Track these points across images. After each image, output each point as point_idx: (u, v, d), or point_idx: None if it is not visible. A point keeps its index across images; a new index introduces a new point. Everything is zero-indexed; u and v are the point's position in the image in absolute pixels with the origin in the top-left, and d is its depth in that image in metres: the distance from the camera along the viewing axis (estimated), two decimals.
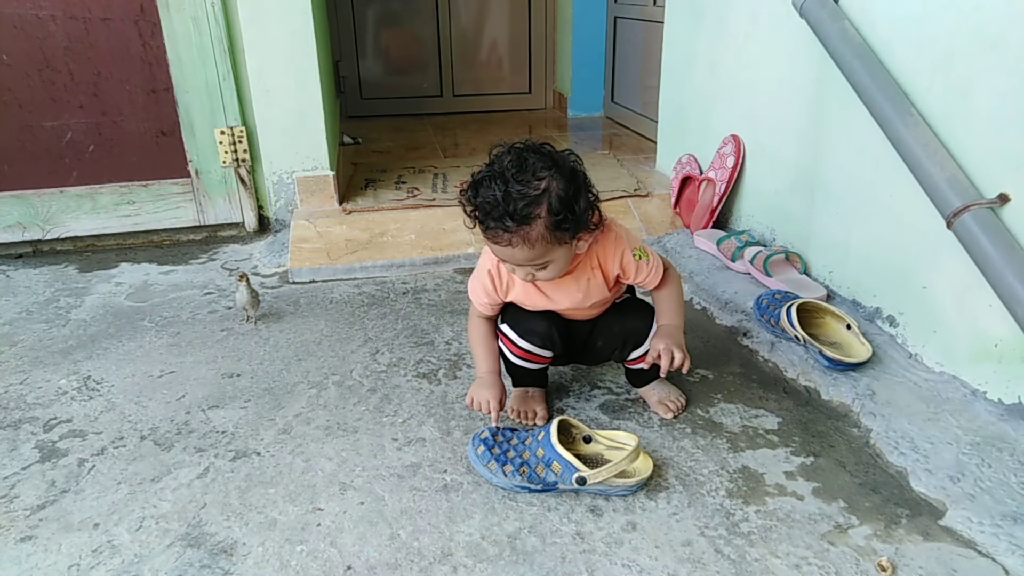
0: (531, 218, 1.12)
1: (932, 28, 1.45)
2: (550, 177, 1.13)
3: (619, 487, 1.18)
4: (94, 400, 1.51)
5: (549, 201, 1.12)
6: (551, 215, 1.13)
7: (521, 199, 1.11)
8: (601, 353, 1.45)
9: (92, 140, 2.32)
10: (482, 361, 1.38)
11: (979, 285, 1.32)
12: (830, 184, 1.81)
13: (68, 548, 1.11)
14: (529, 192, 1.12)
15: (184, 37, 2.26)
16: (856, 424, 1.38)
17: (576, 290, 1.31)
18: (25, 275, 2.20)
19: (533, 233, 1.13)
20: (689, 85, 2.49)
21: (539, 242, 1.14)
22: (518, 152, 1.15)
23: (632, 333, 1.39)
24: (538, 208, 1.12)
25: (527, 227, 1.13)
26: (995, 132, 1.32)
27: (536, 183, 1.12)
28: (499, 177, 1.13)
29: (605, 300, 1.38)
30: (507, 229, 1.13)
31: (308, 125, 2.36)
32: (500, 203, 1.11)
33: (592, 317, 1.41)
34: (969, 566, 1.05)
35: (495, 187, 1.12)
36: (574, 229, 1.16)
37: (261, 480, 1.26)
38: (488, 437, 1.26)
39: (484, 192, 1.14)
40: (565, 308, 1.36)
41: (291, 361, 1.66)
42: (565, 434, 1.25)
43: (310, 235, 2.24)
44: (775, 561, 1.06)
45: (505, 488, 1.21)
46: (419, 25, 3.97)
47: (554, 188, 1.13)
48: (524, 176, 1.12)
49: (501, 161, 1.15)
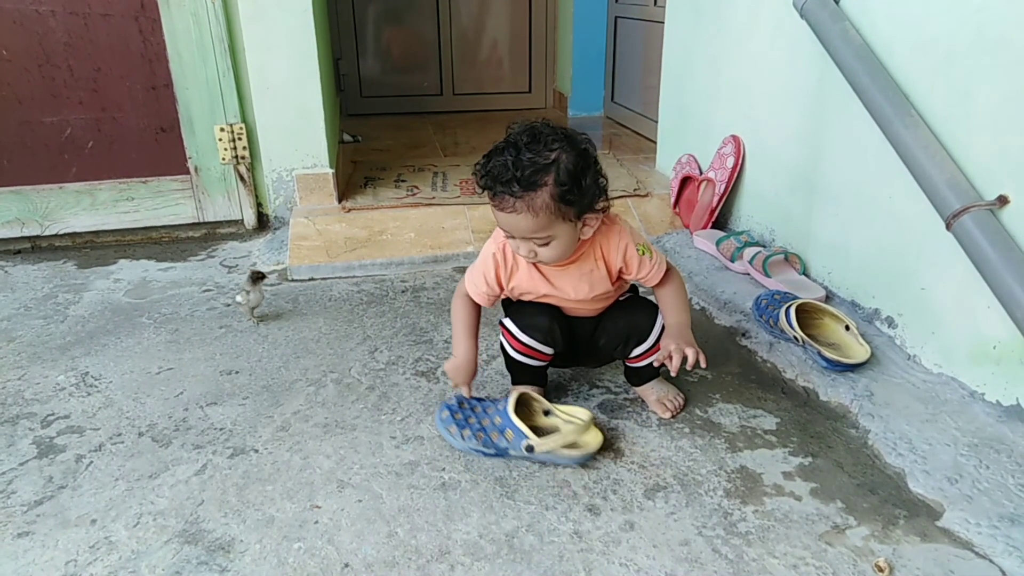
0: (537, 185, 1.15)
1: (933, 30, 1.45)
2: (561, 149, 1.17)
3: (566, 457, 1.26)
4: (92, 396, 1.51)
5: (557, 171, 1.16)
6: (557, 185, 1.15)
7: (530, 166, 1.15)
8: (604, 351, 1.45)
9: (91, 136, 2.31)
10: (460, 341, 1.37)
11: (978, 287, 1.32)
12: (830, 185, 1.81)
13: (65, 544, 1.11)
14: (538, 160, 1.15)
15: (184, 34, 2.26)
16: (854, 425, 1.38)
17: (579, 279, 1.32)
18: (23, 271, 2.20)
19: (538, 200, 1.16)
20: (689, 85, 2.49)
21: (543, 211, 1.16)
22: (532, 126, 1.20)
23: (635, 330, 1.39)
24: (546, 176, 1.15)
25: (533, 193, 1.15)
26: (995, 134, 1.32)
27: (547, 152, 1.16)
28: (512, 146, 1.18)
29: (608, 295, 1.38)
30: (513, 194, 1.16)
31: (308, 123, 2.36)
32: (509, 168, 1.15)
33: (595, 314, 1.41)
34: (966, 567, 1.05)
35: (507, 154, 1.17)
36: (579, 204, 1.19)
37: (259, 477, 1.25)
38: (454, 403, 1.36)
39: (495, 159, 1.18)
40: (569, 300, 1.36)
41: (290, 359, 1.66)
42: (527, 407, 1.34)
43: (309, 233, 2.24)
44: (772, 561, 1.06)
45: (461, 450, 1.31)
46: (419, 23, 3.96)
47: (563, 160, 1.16)
48: (536, 146, 1.17)
49: (516, 134, 1.19)
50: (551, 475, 1.25)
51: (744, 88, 2.16)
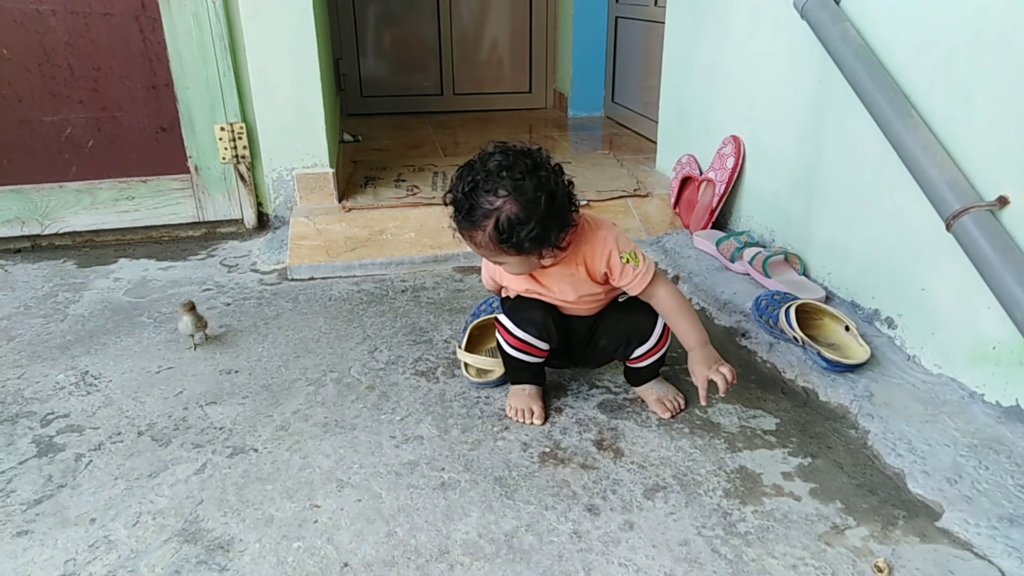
0: (476, 225, 1.21)
1: (933, 30, 1.45)
2: (508, 199, 1.19)
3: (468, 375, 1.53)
4: (92, 395, 1.51)
5: (497, 218, 1.19)
6: (496, 231, 1.20)
7: (475, 208, 1.20)
8: (604, 352, 1.45)
9: (91, 135, 2.31)
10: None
11: (978, 287, 1.32)
12: (830, 185, 1.81)
13: (64, 543, 1.11)
14: (483, 204, 1.20)
15: (185, 33, 2.26)
16: (854, 425, 1.38)
17: (561, 280, 1.35)
18: (23, 270, 2.20)
19: (478, 237, 1.23)
20: (690, 85, 2.49)
21: (485, 245, 1.24)
22: (500, 160, 1.21)
23: (636, 331, 1.39)
24: (486, 220, 1.20)
25: (474, 231, 1.22)
26: (995, 135, 1.32)
27: (492, 199, 1.19)
28: (470, 176, 1.22)
29: (596, 295, 1.38)
30: (459, 222, 1.24)
31: (308, 122, 2.36)
32: (460, 201, 1.22)
33: (590, 314, 1.41)
34: (965, 568, 1.05)
35: (464, 184, 1.22)
36: (517, 251, 1.22)
37: (258, 476, 1.25)
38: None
39: (456, 183, 1.24)
40: (556, 298, 1.38)
41: (289, 358, 1.66)
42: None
43: (309, 232, 2.24)
44: (772, 561, 1.06)
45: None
46: (420, 23, 3.96)
47: (506, 210, 1.19)
48: (488, 186, 1.20)
49: (485, 161, 1.22)
50: (551, 475, 1.25)
51: (744, 89, 2.16)
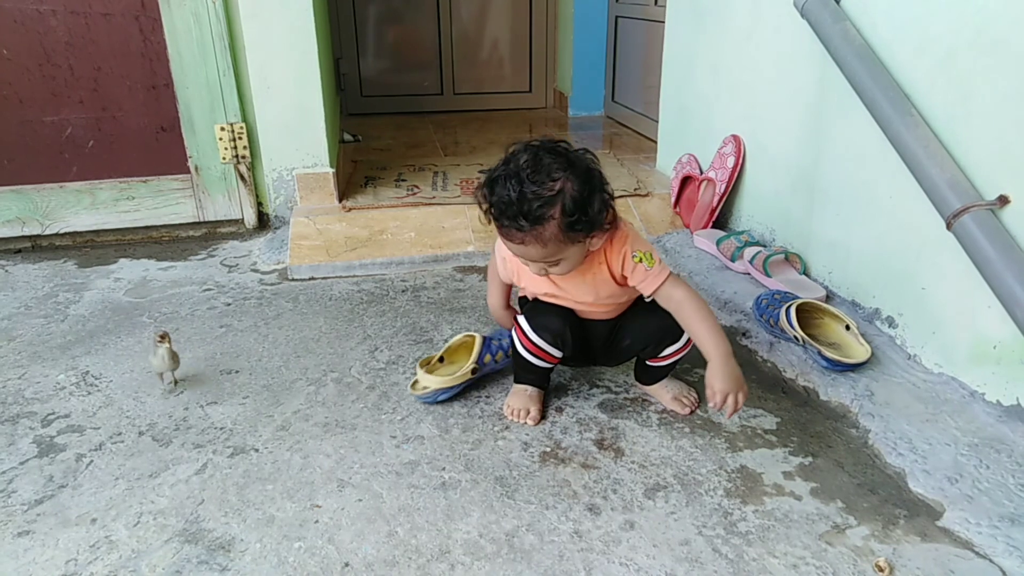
0: (544, 219, 1.13)
1: (933, 29, 1.45)
2: (565, 178, 1.14)
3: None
4: (92, 395, 1.51)
5: (563, 203, 1.13)
6: (565, 216, 1.14)
7: (536, 199, 1.12)
8: (627, 352, 1.43)
9: (92, 135, 2.31)
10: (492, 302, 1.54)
11: (978, 287, 1.32)
12: (830, 185, 1.81)
13: (66, 543, 1.11)
14: (543, 193, 1.13)
15: (185, 33, 2.26)
16: (855, 425, 1.38)
17: (582, 282, 1.32)
18: (24, 270, 2.20)
19: (546, 233, 1.15)
20: (690, 85, 2.49)
21: (552, 242, 1.16)
22: (534, 151, 1.16)
23: (669, 330, 1.35)
24: (552, 209, 1.13)
25: (540, 227, 1.14)
26: (995, 134, 1.32)
27: (551, 183, 1.13)
28: (514, 176, 1.14)
29: (615, 296, 1.36)
30: (521, 228, 1.14)
31: (308, 122, 2.36)
32: (514, 203, 1.13)
33: (609, 316, 1.40)
34: (966, 567, 1.05)
35: (510, 187, 1.13)
36: (588, 229, 1.17)
37: (259, 476, 1.25)
38: None
39: (499, 191, 1.15)
40: (577, 301, 1.36)
41: (290, 358, 1.66)
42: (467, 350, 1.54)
43: (310, 232, 2.24)
44: (772, 561, 1.06)
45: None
46: (420, 23, 3.96)
47: (568, 189, 1.13)
48: (539, 176, 1.13)
49: (517, 159, 1.16)
50: (551, 475, 1.25)
51: (745, 88, 2.16)
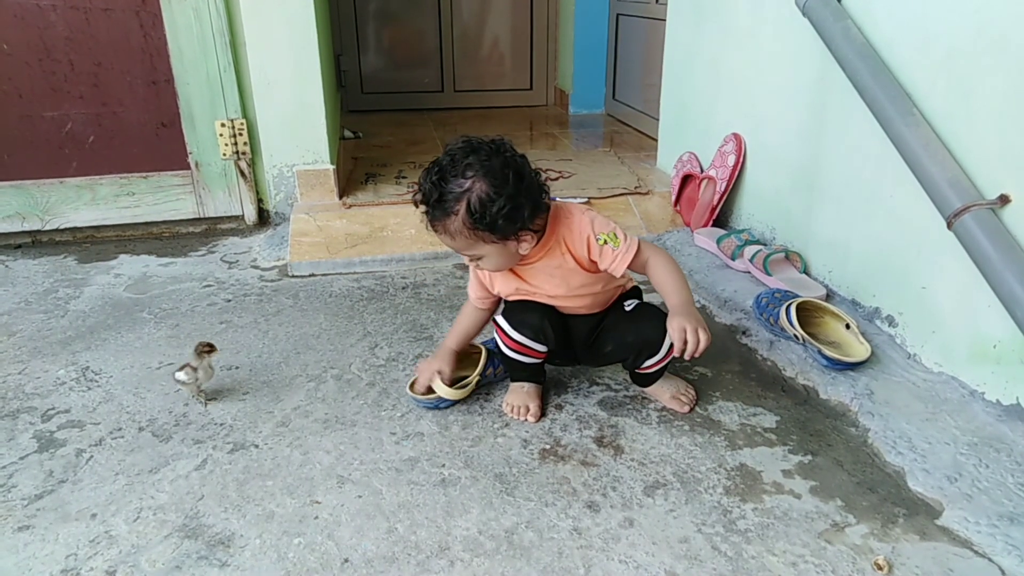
0: (449, 212, 1.20)
1: (935, 28, 1.45)
2: (477, 178, 1.19)
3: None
4: (92, 391, 1.51)
5: (468, 200, 1.19)
6: (468, 214, 1.19)
7: (447, 193, 1.20)
8: (609, 357, 1.45)
9: (92, 131, 2.31)
10: (449, 336, 1.50)
11: (978, 286, 1.32)
12: (831, 183, 1.81)
13: (65, 538, 1.11)
14: (453, 188, 1.20)
15: (185, 28, 2.25)
16: (854, 423, 1.39)
17: (550, 274, 1.34)
18: (24, 265, 2.20)
19: (452, 226, 1.22)
20: (691, 83, 2.49)
21: (459, 235, 1.22)
22: (463, 149, 1.22)
23: (646, 344, 1.37)
24: (457, 205, 1.19)
25: (447, 220, 1.21)
26: (996, 133, 1.32)
27: (462, 181, 1.19)
28: (436, 169, 1.22)
29: (588, 285, 1.35)
30: (433, 218, 1.23)
31: (309, 118, 2.36)
32: (427, 193, 1.22)
33: (591, 311, 1.41)
34: (965, 566, 1.05)
35: (430, 179, 1.21)
36: (494, 231, 1.21)
37: (259, 472, 1.26)
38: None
39: (423, 180, 1.23)
40: (550, 296, 1.37)
41: (290, 354, 1.66)
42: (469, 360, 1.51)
43: (310, 229, 2.24)
44: (772, 559, 1.06)
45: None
46: (421, 20, 3.96)
47: (476, 189, 1.19)
48: (454, 172, 1.20)
49: (449, 152, 1.22)
50: (551, 472, 1.25)
51: (745, 86, 2.16)
